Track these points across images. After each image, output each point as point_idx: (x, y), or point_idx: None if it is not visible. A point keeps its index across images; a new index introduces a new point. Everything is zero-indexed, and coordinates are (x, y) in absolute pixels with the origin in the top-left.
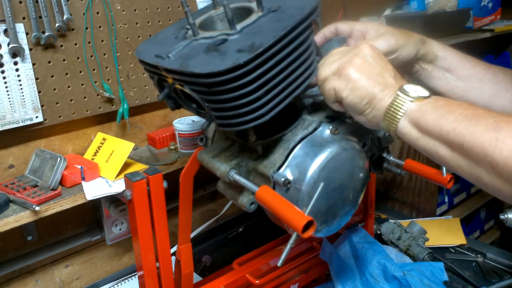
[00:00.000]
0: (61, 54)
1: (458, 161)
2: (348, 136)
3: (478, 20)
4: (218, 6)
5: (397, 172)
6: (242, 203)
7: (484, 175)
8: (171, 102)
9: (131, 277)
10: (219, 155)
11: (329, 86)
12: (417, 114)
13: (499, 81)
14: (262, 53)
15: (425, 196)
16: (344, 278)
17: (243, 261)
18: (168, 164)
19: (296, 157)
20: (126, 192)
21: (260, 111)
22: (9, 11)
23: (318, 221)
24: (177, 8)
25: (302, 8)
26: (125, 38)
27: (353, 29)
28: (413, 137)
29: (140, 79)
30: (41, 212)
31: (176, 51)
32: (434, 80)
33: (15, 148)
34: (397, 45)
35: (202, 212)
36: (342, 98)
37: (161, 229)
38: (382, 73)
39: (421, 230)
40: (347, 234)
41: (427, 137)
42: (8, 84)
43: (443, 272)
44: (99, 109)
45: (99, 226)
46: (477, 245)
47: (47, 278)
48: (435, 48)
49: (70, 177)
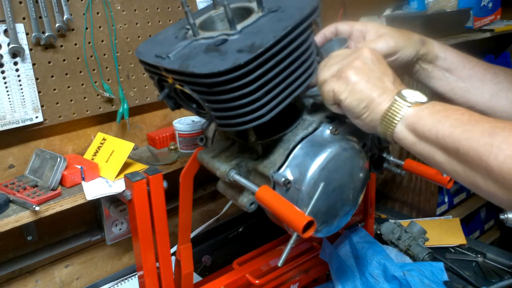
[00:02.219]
0: (61, 54)
1: (454, 166)
2: (348, 136)
3: (478, 20)
4: (218, 6)
5: (397, 172)
6: (242, 203)
7: (480, 180)
8: (171, 102)
9: (131, 277)
10: (219, 155)
11: (328, 87)
12: (413, 119)
13: (500, 81)
14: (262, 53)
15: (425, 196)
16: (344, 278)
17: (243, 261)
18: (168, 164)
19: (296, 157)
20: (126, 192)
21: (260, 111)
22: (9, 11)
23: (318, 221)
24: (177, 8)
25: (302, 8)
26: (125, 38)
27: (353, 29)
28: (410, 142)
29: (140, 79)
30: (41, 212)
31: (176, 51)
32: (434, 81)
33: (15, 148)
34: (396, 47)
35: (202, 212)
36: (340, 100)
37: (161, 229)
38: (381, 78)
39: (421, 230)
40: (347, 234)
41: (424, 142)
42: (8, 84)
43: (443, 272)
44: (99, 109)
45: (99, 226)
46: (477, 245)
47: (47, 278)
48: (435, 48)
49: (70, 177)
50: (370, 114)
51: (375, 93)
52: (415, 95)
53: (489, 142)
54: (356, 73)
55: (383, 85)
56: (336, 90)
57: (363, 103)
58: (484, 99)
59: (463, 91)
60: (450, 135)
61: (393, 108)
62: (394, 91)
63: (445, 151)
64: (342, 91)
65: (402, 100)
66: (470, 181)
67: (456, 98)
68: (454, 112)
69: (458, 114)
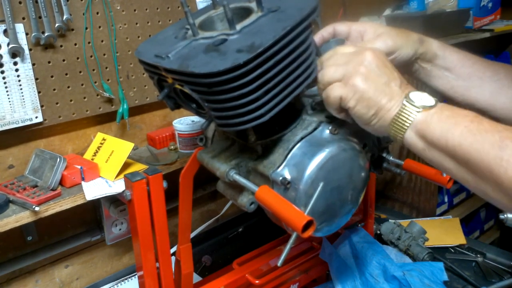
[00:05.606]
0: (60, 54)
1: (464, 175)
2: (348, 137)
3: (477, 20)
4: (218, 6)
5: (397, 172)
6: (242, 203)
7: (490, 191)
8: (171, 102)
9: (131, 277)
10: (219, 155)
11: (335, 93)
12: (423, 126)
13: (500, 78)
14: (262, 53)
15: (425, 196)
16: (344, 278)
17: (243, 261)
18: (168, 164)
19: (294, 157)
20: (126, 192)
21: (260, 111)
22: (9, 11)
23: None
24: (176, 8)
25: (302, 8)
26: (125, 38)
27: (351, 30)
28: (419, 148)
29: (140, 79)
30: (41, 212)
31: (176, 51)
32: (434, 79)
33: (15, 148)
34: (395, 46)
35: (202, 212)
36: (349, 107)
37: (161, 229)
38: (388, 83)
39: (421, 230)
40: (347, 234)
41: (433, 149)
42: (8, 84)
43: (443, 272)
44: (99, 109)
45: (99, 226)
46: (477, 245)
47: (47, 278)
48: (434, 47)
49: (70, 177)
50: (379, 121)
51: (384, 99)
52: (423, 98)
53: (499, 155)
54: (364, 81)
55: (391, 91)
56: (344, 97)
57: (371, 110)
58: (485, 96)
59: (463, 90)
60: (459, 146)
61: (402, 114)
62: (401, 95)
63: (455, 160)
64: (350, 99)
65: (411, 104)
66: (480, 190)
67: (456, 96)
68: (463, 119)
69: (467, 121)
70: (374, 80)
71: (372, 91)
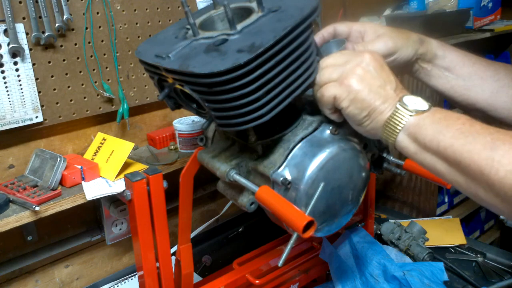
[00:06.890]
0: (61, 54)
1: (456, 177)
2: (348, 137)
3: (478, 20)
4: (218, 6)
5: (397, 172)
6: (242, 203)
7: (481, 192)
8: (171, 102)
9: (131, 277)
10: (219, 155)
11: (329, 93)
12: (415, 129)
13: (500, 77)
14: (262, 53)
15: (425, 196)
16: (344, 278)
17: (243, 261)
18: (168, 164)
19: (295, 157)
20: (126, 192)
21: (260, 111)
22: (9, 11)
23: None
24: (177, 8)
25: (302, 8)
26: (125, 38)
27: (351, 30)
28: (411, 151)
29: (140, 79)
30: (41, 212)
31: (176, 51)
32: (434, 79)
33: (15, 148)
34: (395, 47)
35: (202, 212)
36: (342, 107)
37: (161, 229)
38: (383, 85)
39: (421, 230)
40: (347, 234)
41: (425, 152)
42: (8, 84)
43: (443, 272)
44: (99, 109)
45: (99, 226)
46: (477, 245)
47: (47, 278)
48: (434, 47)
49: (70, 177)
50: (371, 122)
51: (377, 101)
52: (417, 102)
53: (490, 156)
54: (359, 81)
55: (385, 93)
56: (338, 96)
57: (364, 111)
58: (485, 96)
59: (463, 89)
60: (451, 147)
61: (395, 117)
62: (395, 98)
63: (447, 162)
64: (344, 99)
65: (404, 108)
66: (472, 192)
67: (456, 96)
68: (455, 122)
69: (459, 124)
70: (370, 81)
71: (366, 92)
